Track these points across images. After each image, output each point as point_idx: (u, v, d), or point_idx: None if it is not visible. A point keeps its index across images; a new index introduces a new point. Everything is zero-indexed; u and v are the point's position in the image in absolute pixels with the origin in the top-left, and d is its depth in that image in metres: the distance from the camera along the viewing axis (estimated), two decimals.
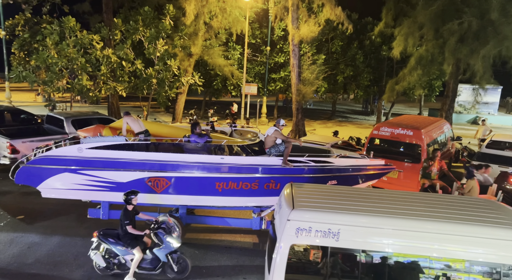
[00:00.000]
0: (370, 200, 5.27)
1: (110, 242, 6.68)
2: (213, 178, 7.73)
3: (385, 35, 23.33)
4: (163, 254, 6.69)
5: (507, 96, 32.28)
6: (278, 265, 4.69)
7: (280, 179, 7.81)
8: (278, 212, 5.34)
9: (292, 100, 20.69)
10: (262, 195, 7.91)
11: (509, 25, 15.36)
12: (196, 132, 8.15)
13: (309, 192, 5.48)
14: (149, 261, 6.74)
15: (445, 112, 19.54)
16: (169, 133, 9.15)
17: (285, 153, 7.78)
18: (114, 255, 6.76)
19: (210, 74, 24.74)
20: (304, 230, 4.64)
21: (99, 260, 6.71)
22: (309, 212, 4.77)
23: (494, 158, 12.22)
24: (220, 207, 8.44)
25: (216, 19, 19.75)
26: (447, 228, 4.56)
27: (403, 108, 36.86)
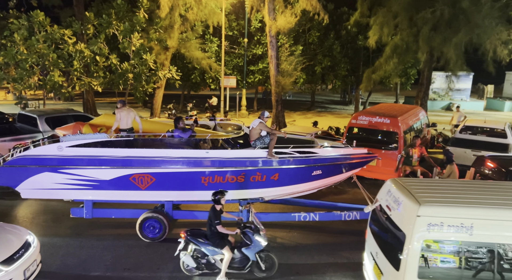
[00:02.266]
0: (490, 192, 5.32)
1: (199, 242, 6.61)
2: (199, 172, 7.71)
3: (361, 24, 23.60)
4: (253, 253, 6.66)
5: (479, 82, 33.38)
6: (410, 261, 4.71)
7: (266, 171, 7.85)
8: (395, 208, 5.27)
9: (272, 92, 20.74)
10: (248, 188, 7.95)
11: (479, 13, 15.84)
12: (179, 126, 8.08)
13: (423, 187, 5.50)
14: (238, 260, 6.70)
15: (420, 100, 20.05)
16: (151, 128, 9.04)
17: (270, 145, 7.82)
18: (202, 255, 6.66)
19: (187, 68, 24.43)
20: (436, 226, 4.69)
21: (189, 260, 6.62)
22: (440, 208, 4.80)
23: (468, 142, 12.68)
24: (207, 202, 8.42)
25: (191, 11, 19.44)
26: None
27: (380, 97, 37.58)
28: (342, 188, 11.11)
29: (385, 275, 5.22)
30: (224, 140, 8.39)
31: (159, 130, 8.75)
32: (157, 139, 8.21)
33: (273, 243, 8.30)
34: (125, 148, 7.73)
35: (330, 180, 8.68)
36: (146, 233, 7.98)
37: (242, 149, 8.08)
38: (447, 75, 28.27)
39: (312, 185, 8.47)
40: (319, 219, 8.38)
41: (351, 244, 8.19)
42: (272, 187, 8.09)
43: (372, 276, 5.77)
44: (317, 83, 31.06)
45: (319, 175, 8.28)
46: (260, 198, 8.32)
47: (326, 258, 7.56)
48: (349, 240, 8.42)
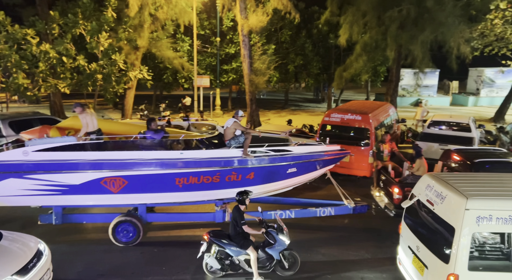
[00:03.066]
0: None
1: (224, 243, 6.54)
2: (173, 174, 7.58)
3: (331, 23, 23.96)
4: (277, 252, 6.63)
5: (444, 79, 34.66)
6: (460, 254, 4.82)
7: (241, 171, 7.83)
8: (438, 202, 5.38)
9: (246, 91, 20.73)
10: (224, 188, 7.89)
11: (443, 12, 16.45)
12: (151, 128, 7.93)
13: (462, 181, 5.61)
14: (262, 260, 6.65)
15: (390, 96, 20.60)
16: (122, 130, 8.82)
17: (245, 144, 7.80)
18: (225, 256, 6.60)
19: (159, 67, 24.01)
20: (485, 218, 4.79)
21: (213, 262, 6.54)
22: (488, 201, 4.91)
23: (436, 137, 13.14)
24: (182, 203, 8.32)
25: (161, 10, 19.11)
26: None
27: (352, 94, 38.31)
28: (317, 185, 11.25)
29: (430, 268, 5.33)
30: (198, 140, 8.31)
31: (131, 132, 8.55)
32: (129, 141, 8.02)
33: None
34: (95, 151, 7.51)
35: (305, 177, 8.77)
36: (120, 237, 7.79)
37: (217, 149, 8.02)
38: (415, 72, 29.26)
39: (287, 183, 8.52)
40: (295, 216, 8.45)
41: (327, 239, 8.32)
42: (248, 186, 8.06)
43: (411, 269, 5.89)
44: (290, 82, 31.30)
45: (294, 173, 8.34)
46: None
47: (304, 255, 7.63)
48: (324, 236, 8.54)
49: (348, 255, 7.66)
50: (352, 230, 8.83)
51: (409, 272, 5.99)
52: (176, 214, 8.63)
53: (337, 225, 9.02)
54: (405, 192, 8.19)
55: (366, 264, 7.34)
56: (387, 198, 8.86)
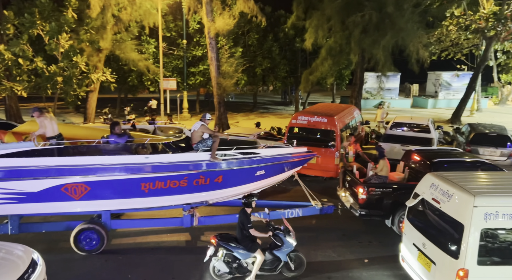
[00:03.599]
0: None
1: (231, 247, 6.49)
2: (138, 179, 7.38)
3: (297, 27, 24.36)
4: (284, 254, 6.65)
5: (406, 82, 36.11)
6: (470, 249, 5.04)
7: (209, 174, 7.75)
8: (445, 200, 5.56)
9: (214, 94, 20.62)
10: (192, 192, 7.78)
11: (403, 17, 17.17)
12: (115, 132, 7.69)
13: (466, 179, 5.83)
14: (269, 262, 6.66)
15: (354, 99, 21.20)
16: (84, 134, 8.50)
17: (213, 148, 7.73)
18: (233, 260, 6.54)
19: (123, 70, 23.39)
20: (492, 215, 5.05)
21: (222, 266, 6.50)
22: (494, 198, 5.18)
23: (397, 138, 13.63)
24: (148, 209, 8.12)
25: (125, 12, 18.65)
26: None
27: (318, 97, 39.05)
28: (285, 187, 11.35)
29: (438, 264, 5.53)
30: (165, 144, 8.15)
31: (93, 136, 8.25)
32: (91, 146, 7.73)
33: None
34: (55, 157, 7.18)
35: (273, 180, 8.81)
36: (82, 245, 7.48)
37: (184, 153, 7.89)
38: (378, 75, 30.34)
39: (256, 185, 8.53)
40: (263, 217, 8.46)
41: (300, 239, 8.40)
42: (217, 190, 8.02)
43: (417, 266, 6.06)
44: (258, 85, 31.47)
45: (262, 175, 8.36)
46: (204, 202, 8.19)
47: None
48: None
49: (316, 256, 7.76)
50: (319, 231, 8.96)
51: (414, 269, 6.18)
52: (142, 220, 8.40)
53: (305, 226, 9.13)
54: (369, 192, 8.45)
55: (333, 264, 7.48)
56: (353, 198, 9.08)
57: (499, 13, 21.96)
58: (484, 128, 14.10)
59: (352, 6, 18.10)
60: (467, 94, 23.85)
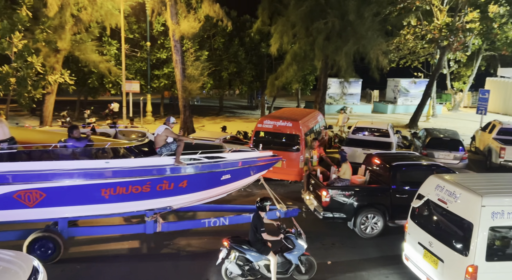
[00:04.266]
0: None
1: (244, 249, 6.55)
2: (98, 184, 7.09)
3: (263, 32, 24.59)
4: (296, 257, 6.71)
5: (367, 88, 37.41)
6: (479, 247, 5.38)
7: (173, 179, 7.58)
8: (451, 201, 5.88)
9: (179, 97, 20.32)
10: (155, 197, 7.58)
11: (364, 26, 17.79)
12: (73, 136, 7.39)
13: (470, 181, 6.20)
14: (280, 264, 6.69)
15: (318, 104, 21.65)
16: (40, 139, 8.08)
17: (178, 152, 7.57)
18: (245, 262, 6.60)
19: (83, 72, 22.51)
20: (498, 214, 5.42)
21: (234, 268, 6.53)
22: (500, 198, 5.56)
23: (359, 142, 14.06)
24: (109, 215, 7.82)
25: (85, 12, 17.99)
26: None
27: (284, 102, 39.53)
28: (251, 191, 11.35)
29: (446, 261, 5.84)
30: (126, 148, 7.90)
31: (50, 141, 7.87)
32: (47, 150, 7.36)
33: (183, 251, 8.08)
34: (6, 162, 6.76)
35: (239, 184, 8.77)
36: (36, 255, 7.04)
37: (147, 157, 7.69)
38: (340, 81, 31.17)
39: (221, 189, 8.45)
40: (228, 223, 8.39)
41: None
42: (181, 195, 7.85)
43: (423, 264, 6.35)
44: (224, 88, 31.38)
45: (228, 180, 8.29)
46: (168, 207, 8.01)
47: None
48: None
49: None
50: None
51: (420, 267, 6.47)
52: (102, 227, 8.09)
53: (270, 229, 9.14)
54: (332, 195, 8.63)
55: None
56: (316, 201, 9.23)
57: (451, 24, 23.35)
58: (439, 133, 14.86)
59: (315, 13, 18.53)
60: (423, 100, 25.07)
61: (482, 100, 20.54)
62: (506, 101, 32.20)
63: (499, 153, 13.93)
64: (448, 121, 27.94)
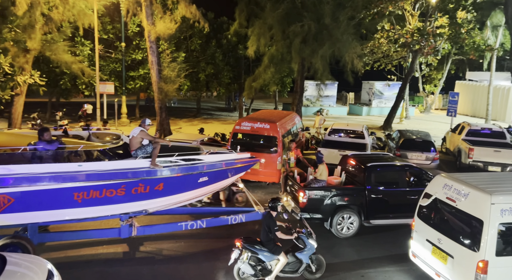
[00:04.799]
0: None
1: (257, 249, 6.66)
2: (70, 188, 6.86)
3: (240, 34, 24.59)
4: (307, 257, 6.85)
5: (342, 90, 38.06)
6: (490, 242, 5.66)
7: (149, 182, 7.43)
8: (460, 199, 6.16)
9: (155, 99, 20.02)
10: (130, 201, 7.41)
11: (339, 29, 18.12)
12: (44, 138, 7.13)
13: (477, 180, 6.47)
14: (292, 264, 6.84)
15: (295, 106, 21.84)
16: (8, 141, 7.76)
17: (154, 154, 7.43)
18: (257, 262, 6.69)
19: (55, 72, 21.81)
20: (507, 211, 5.73)
21: (247, 268, 6.63)
22: (508, 195, 5.85)
23: (335, 144, 14.28)
24: (82, 220, 7.59)
25: (56, 11, 17.42)
26: None
27: (262, 104, 39.64)
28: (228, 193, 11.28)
29: (456, 257, 6.11)
30: (100, 151, 7.70)
31: (19, 143, 7.56)
32: (15, 154, 7.07)
33: (159, 256, 7.95)
34: None
35: (217, 186, 8.71)
36: None
37: (122, 160, 7.51)
38: (317, 84, 31.61)
39: (199, 192, 8.36)
40: (206, 225, 8.31)
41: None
42: (157, 198, 7.70)
43: (431, 260, 6.63)
44: (201, 90, 31.16)
45: (206, 182, 8.21)
46: (144, 211, 7.85)
47: (219, 264, 7.55)
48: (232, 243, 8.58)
49: None
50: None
51: (428, 263, 6.74)
52: (75, 232, 7.84)
53: (250, 230, 9.14)
54: (309, 196, 8.71)
55: None
56: (294, 202, 9.30)
57: (422, 29, 24.13)
58: (411, 135, 15.29)
59: (292, 16, 18.72)
60: (396, 103, 25.75)
61: (452, 102, 21.29)
62: (474, 103, 33.53)
63: (468, 154, 14.47)
64: (421, 122, 28.81)
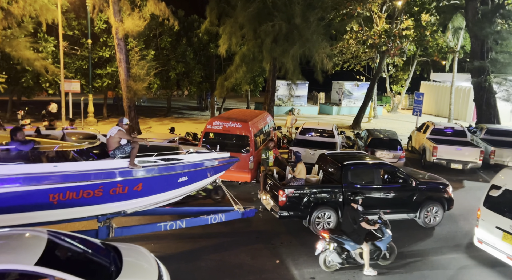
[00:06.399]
0: None
1: (343, 240, 7.32)
2: (45, 189, 6.61)
3: (211, 33, 24.39)
4: (385, 245, 7.55)
5: (313, 90, 38.60)
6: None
7: (128, 182, 7.27)
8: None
9: (123, 98, 19.48)
10: (108, 202, 7.23)
11: (309, 29, 18.32)
12: (17, 138, 6.81)
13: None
14: (371, 252, 7.48)
15: (267, 105, 21.92)
16: None
17: (132, 154, 7.28)
18: (342, 251, 7.39)
19: (16, 70, 20.78)
20: None
21: (335, 257, 7.35)
22: None
23: (306, 143, 14.47)
24: (57, 222, 7.28)
25: (16, 5, 16.59)
26: None
27: (234, 103, 39.53)
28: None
29: None
30: (76, 151, 7.40)
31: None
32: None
33: None
34: None
35: (196, 186, 8.61)
36: None
37: (99, 160, 7.29)
38: (288, 83, 31.89)
39: (178, 192, 8.24)
40: (185, 225, 8.20)
41: (213, 246, 8.31)
42: (136, 199, 7.55)
43: (503, 245, 7.48)
44: (172, 89, 30.66)
45: (185, 182, 8.12)
46: (122, 212, 7.65)
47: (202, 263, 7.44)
48: (210, 242, 8.52)
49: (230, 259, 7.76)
50: (238, 234, 9.01)
51: (498, 248, 7.58)
52: None
53: (224, 231, 9.09)
54: (288, 195, 8.79)
55: (247, 268, 7.56)
56: (273, 201, 9.35)
57: (389, 30, 24.88)
58: (379, 133, 15.72)
59: (263, 15, 18.74)
60: (365, 102, 26.41)
61: (417, 102, 22.08)
62: (438, 103, 34.97)
63: (432, 152, 15.06)
64: (388, 122, 29.71)
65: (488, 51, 19.84)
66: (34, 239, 5.27)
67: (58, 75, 20.59)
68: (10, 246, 5.10)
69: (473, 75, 20.64)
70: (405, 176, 9.77)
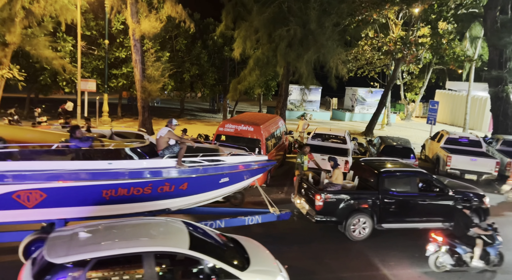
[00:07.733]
0: None
1: (456, 243, 7.73)
2: (99, 185, 6.90)
3: (226, 36, 24.52)
4: (496, 250, 7.84)
5: (326, 95, 38.44)
6: None
7: (175, 181, 7.52)
8: None
9: (137, 98, 19.73)
10: (155, 199, 7.50)
11: (324, 35, 18.28)
12: (76, 136, 7.08)
13: None
14: (480, 256, 7.69)
15: (279, 110, 21.90)
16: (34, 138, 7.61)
17: (180, 154, 7.52)
18: (453, 254, 7.73)
19: (35, 68, 21.25)
20: None
21: (448, 259, 7.71)
22: None
23: (318, 148, 14.37)
24: (108, 217, 7.46)
25: (38, 5, 16.99)
26: None
27: (246, 106, 39.60)
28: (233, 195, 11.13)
29: None
30: (130, 149, 7.59)
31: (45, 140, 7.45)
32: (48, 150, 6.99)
33: None
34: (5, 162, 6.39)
35: (235, 187, 8.79)
36: None
37: (149, 159, 7.53)
38: (301, 88, 31.83)
39: (219, 192, 8.47)
40: (224, 225, 8.29)
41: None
42: (181, 197, 7.83)
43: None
44: (186, 91, 30.92)
45: (226, 182, 8.34)
46: (166, 209, 7.87)
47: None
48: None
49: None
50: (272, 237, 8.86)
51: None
52: None
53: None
54: (325, 199, 8.81)
55: None
56: (308, 205, 9.37)
57: (405, 38, 24.64)
58: (392, 141, 15.55)
59: (278, 20, 18.78)
60: (378, 109, 26.17)
61: (432, 110, 21.79)
62: (453, 112, 34.43)
63: (446, 161, 14.81)
64: (401, 129, 29.36)
65: (506, 61, 19.49)
66: (177, 227, 5.74)
67: (75, 74, 20.96)
68: (161, 232, 5.53)
69: (490, 84, 20.30)
70: (442, 185, 9.75)
